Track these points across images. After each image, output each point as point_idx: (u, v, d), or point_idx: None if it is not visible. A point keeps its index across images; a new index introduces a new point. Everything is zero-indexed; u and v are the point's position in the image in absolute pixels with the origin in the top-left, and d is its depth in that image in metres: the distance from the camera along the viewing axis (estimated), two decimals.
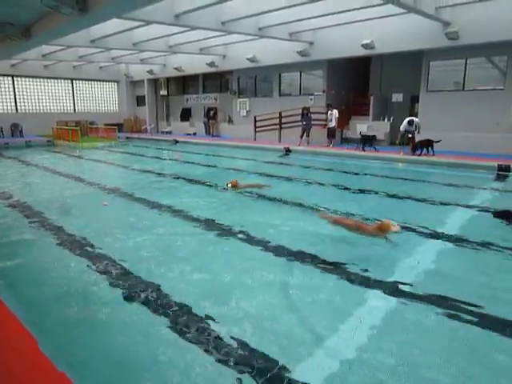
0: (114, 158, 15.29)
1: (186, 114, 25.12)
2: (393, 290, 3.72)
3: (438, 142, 12.36)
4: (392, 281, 3.91)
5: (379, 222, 5.21)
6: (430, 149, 12.48)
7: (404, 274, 4.11)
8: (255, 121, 18.76)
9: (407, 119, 13.04)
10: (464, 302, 3.45)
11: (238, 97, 21.25)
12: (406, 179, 9.80)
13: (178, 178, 9.95)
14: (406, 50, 13.94)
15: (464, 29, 12.16)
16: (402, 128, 13.06)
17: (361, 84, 18.13)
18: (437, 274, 4.17)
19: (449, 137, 13.25)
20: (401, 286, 3.79)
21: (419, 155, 12.45)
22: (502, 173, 10.08)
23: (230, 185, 8.12)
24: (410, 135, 12.94)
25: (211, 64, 19.77)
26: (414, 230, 5.50)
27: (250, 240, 5.16)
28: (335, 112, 15.36)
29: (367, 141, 13.97)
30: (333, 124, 15.49)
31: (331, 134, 15.74)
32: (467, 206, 6.95)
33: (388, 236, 4.99)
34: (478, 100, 13.51)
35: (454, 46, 12.73)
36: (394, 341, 2.93)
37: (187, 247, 5.00)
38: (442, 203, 7.16)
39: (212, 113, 22.37)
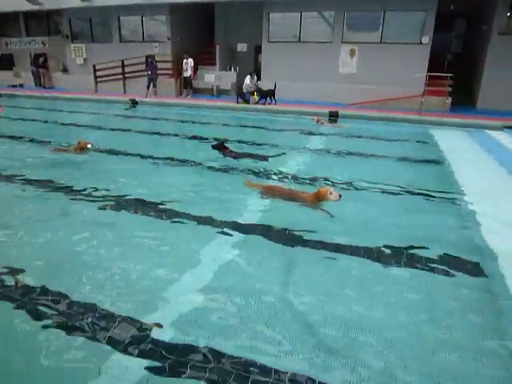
0: None
1: (7, 61, 21.10)
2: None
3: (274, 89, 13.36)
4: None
5: (315, 190, 4.63)
6: (272, 98, 13.26)
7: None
8: (95, 70, 16.92)
9: (247, 77, 13.60)
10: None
11: (72, 42, 18.70)
12: (253, 126, 10.30)
13: None
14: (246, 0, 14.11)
15: None
16: (244, 89, 13.52)
17: (207, 33, 17.80)
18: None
19: (289, 86, 14.20)
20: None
21: (264, 104, 13.14)
22: (332, 118, 11.45)
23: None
24: (253, 89, 13.57)
25: (33, 1, 16.73)
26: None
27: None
28: (190, 61, 14.90)
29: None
30: (189, 73, 15.05)
31: (187, 83, 15.30)
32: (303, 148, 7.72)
33: (324, 207, 4.46)
34: (313, 52, 14.68)
35: None
36: None
37: None
38: (281, 147, 7.79)
39: (41, 60, 19.26)
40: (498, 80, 13.69)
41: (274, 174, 5.90)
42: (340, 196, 4.39)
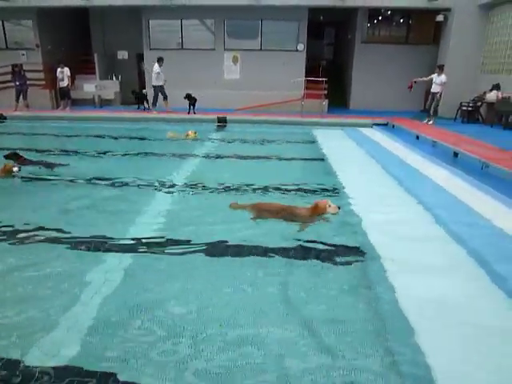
0: None
1: None
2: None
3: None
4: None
5: (312, 204, 4.35)
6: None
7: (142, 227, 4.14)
8: None
9: (155, 65, 12.89)
10: None
11: None
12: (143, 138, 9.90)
13: None
14: (121, 5, 13.56)
15: None
16: (155, 80, 12.90)
17: (83, 40, 16.64)
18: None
19: (176, 94, 13.98)
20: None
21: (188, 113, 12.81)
22: (220, 124, 11.58)
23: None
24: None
25: None
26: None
27: None
28: (66, 70, 13.67)
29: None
30: (65, 83, 13.81)
31: (65, 94, 14.04)
32: (196, 155, 7.64)
33: (326, 218, 4.25)
34: (197, 59, 14.72)
35: (164, 5, 13.25)
36: None
37: None
38: (175, 156, 7.62)
39: None
40: (363, 83, 15.35)
41: (162, 184, 5.70)
42: (339, 208, 4.19)
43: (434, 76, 11.47)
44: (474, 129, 10.99)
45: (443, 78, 11.24)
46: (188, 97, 12.72)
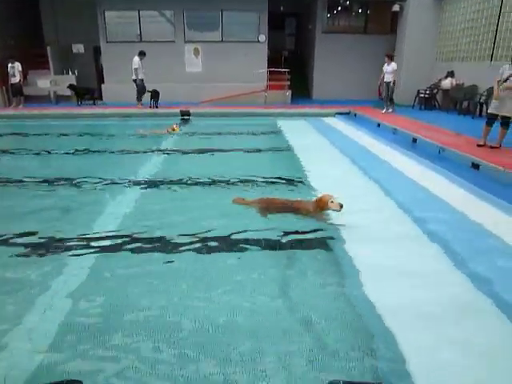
0: None
1: None
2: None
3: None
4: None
5: (316, 198, 4.15)
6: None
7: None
8: None
9: (135, 58, 12.47)
10: None
11: None
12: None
13: None
14: None
15: None
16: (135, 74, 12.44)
17: (34, 33, 15.81)
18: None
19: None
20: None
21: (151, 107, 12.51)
22: (184, 117, 11.42)
23: None
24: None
25: None
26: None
27: None
28: (17, 65, 12.90)
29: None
30: (17, 79, 13.06)
31: (17, 90, 13.31)
32: (159, 151, 7.49)
33: (326, 216, 4.05)
34: (158, 51, 14.35)
35: None
36: None
37: None
38: (138, 153, 7.43)
39: None
40: (325, 73, 15.55)
41: (124, 181, 5.54)
42: (341, 206, 3.86)
43: (385, 66, 11.32)
44: (431, 115, 11.40)
45: (393, 65, 11.13)
46: (153, 92, 12.47)
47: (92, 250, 3.46)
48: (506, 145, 6.72)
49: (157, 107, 12.44)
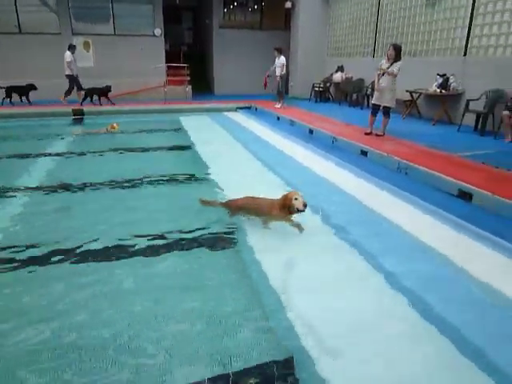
0: None
1: None
2: None
3: None
4: None
5: (283, 196, 3.56)
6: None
7: None
8: None
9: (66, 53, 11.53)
10: None
11: None
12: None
13: None
14: None
15: None
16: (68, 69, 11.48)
17: None
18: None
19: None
20: None
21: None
22: (77, 117, 10.59)
23: None
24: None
25: None
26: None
27: None
28: None
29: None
30: None
31: None
32: (49, 154, 6.83)
33: (294, 219, 3.61)
34: (40, 45, 13.05)
35: None
36: None
37: None
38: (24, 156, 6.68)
39: None
40: (225, 68, 15.66)
41: (10, 189, 4.96)
42: (305, 206, 3.39)
43: (276, 60, 11.20)
44: (326, 107, 12.16)
45: (282, 59, 11.08)
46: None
47: None
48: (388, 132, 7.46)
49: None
